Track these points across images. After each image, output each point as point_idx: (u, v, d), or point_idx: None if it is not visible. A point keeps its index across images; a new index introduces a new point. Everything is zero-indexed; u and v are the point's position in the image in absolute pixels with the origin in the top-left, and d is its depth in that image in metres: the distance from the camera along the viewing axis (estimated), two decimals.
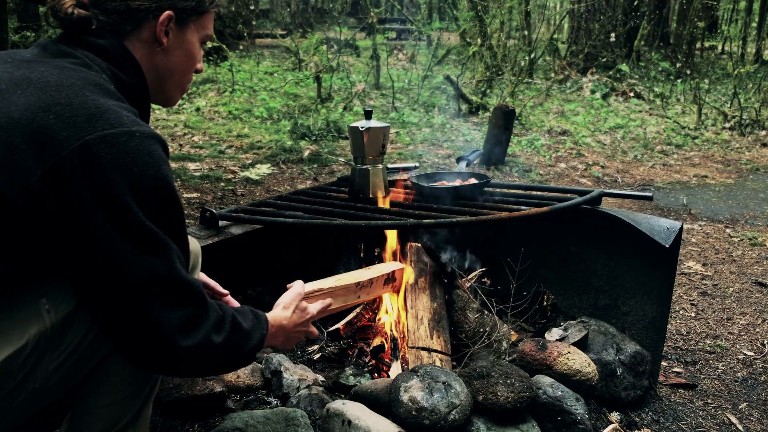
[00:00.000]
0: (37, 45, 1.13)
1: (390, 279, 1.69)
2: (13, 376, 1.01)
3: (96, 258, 0.97)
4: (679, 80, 10.86)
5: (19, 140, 0.95)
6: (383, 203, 2.27)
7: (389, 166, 2.70)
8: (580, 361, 1.88)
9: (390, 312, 2.22)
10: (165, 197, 1.02)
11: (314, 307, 1.46)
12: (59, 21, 1.11)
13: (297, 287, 1.45)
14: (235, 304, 1.46)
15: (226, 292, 1.48)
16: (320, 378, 1.97)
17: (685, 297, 3.20)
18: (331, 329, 2.17)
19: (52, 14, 1.12)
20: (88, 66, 1.08)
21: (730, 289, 3.33)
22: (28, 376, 1.03)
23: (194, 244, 1.39)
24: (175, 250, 1.04)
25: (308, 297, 1.47)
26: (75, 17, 1.10)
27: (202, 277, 1.46)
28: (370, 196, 2.25)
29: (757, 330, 2.82)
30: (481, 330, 2.14)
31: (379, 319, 2.23)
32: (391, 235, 2.33)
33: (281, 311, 1.36)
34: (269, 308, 1.44)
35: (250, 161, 5.60)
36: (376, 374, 2.05)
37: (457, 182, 2.40)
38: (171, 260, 1.02)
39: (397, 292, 1.72)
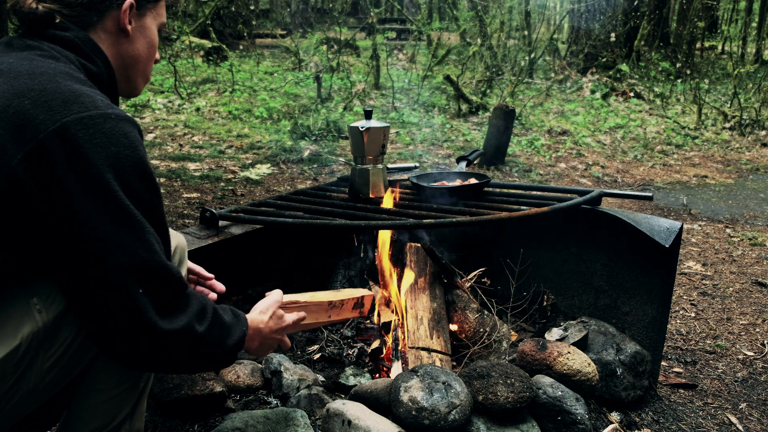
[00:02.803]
0: (0, 42, 1.13)
1: (359, 304, 1.72)
2: (8, 376, 1.01)
3: (75, 238, 0.96)
4: (679, 80, 10.86)
5: None
6: (388, 199, 2.27)
7: (389, 166, 2.70)
8: (580, 361, 1.88)
9: (390, 312, 2.22)
10: (142, 177, 1.02)
11: (290, 317, 1.43)
12: (23, 17, 1.11)
13: (275, 295, 1.43)
14: (221, 287, 1.45)
15: (211, 276, 1.48)
16: (320, 378, 1.97)
17: (685, 297, 3.20)
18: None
19: (14, 12, 1.11)
20: (55, 58, 1.08)
21: (730, 289, 3.33)
22: (23, 377, 1.03)
23: (181, 240, 1.39)
24: (153, 233, 1.03)
25: (284, 307, 1.47)
26: (39, 12, 1.10)
27: (188, 263, 1.46)
28: (370, 196, 2.25)
29: (757, 330, 2.82)
30: (481, 330, 2.14)
31: (379, 320, 2.23)
32: (389, 235, 2.33)
33: (258, 315, 1.33)
34: None
35: (250, 161, 5.60)
36: (376, 374, 2.05)
37: (457, 182, 2.40)
38: (149, 242, 1.01)
39: (365, 315, 1.75)
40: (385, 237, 2.33)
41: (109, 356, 1.07)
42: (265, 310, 1.35)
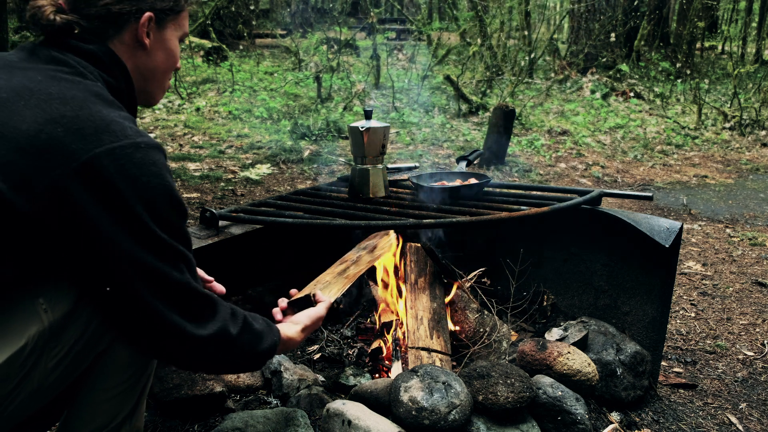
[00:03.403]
0: (22, 48, 1.13)
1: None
2: (13, 376, 1.01)
3: (108, 267, 1.01)
4: (679, 80, 10.86)
5: (28, 152, 0.96)
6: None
7: (389, 166, 2.70)
8: (580, 361, 1.88)
9: (390, 312, 2.22)
10: (172, 204, 1.05)
11: (324, 306, 1.49)
12: (41, 28, 1.11)
13: (321, 310, 1.46)
14: (220, 288, 1.49)
15: (211, 279, 1.50)
16: (320, 378, 1.97)
17: (685, 297, 3.20)
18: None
19: (33, 22, 1.12)
20: (82, 75, 1.08)
21: (730, 289, 3.33)
22: (27, 376, 1.03)
23: None
24: (183, 254, 1.08)
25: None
26: (57, 24, 1.11)
27: None
28: (370, 196, 2.25)
29: (757, 330, 2.82)
30: (481, 330, 2.14)
31: (380, 320, 2.23)
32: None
33: (299, 333, 1.37)
34: (270, 307, 1.44)
35: (250, 161, 5.60)
36: (376, 374, 2.05)
37: (457, 182, 2.40)
38: (180, 268, 1.07)
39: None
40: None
41: (154, 356, 1.19)
42: (307, 328, 1.40)
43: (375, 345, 2.12)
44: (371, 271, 2.40)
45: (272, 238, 2.30)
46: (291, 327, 1.37)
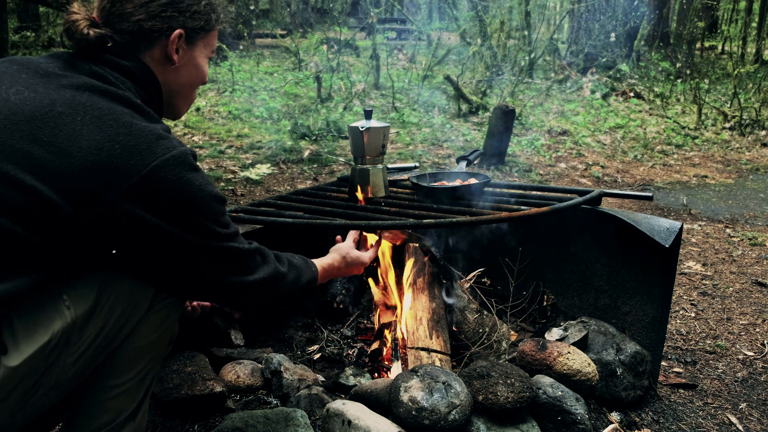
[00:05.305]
0: (57, 57, 1.16)
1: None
2: (36, 371, 1.04)
3: (179, 263, 1.14)
4: (679, 80, 10.86)
5: (89, 168, 1.01)
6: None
7: (389, 166, 2.70)
8: (580, 361, 1.88)
9: (390, 313, 2.22)
10: (216, 199, 1.16)
11: (368, 255, 1.77)
12: (75, 41, 1.16)
13: (365, 257, 1.75)
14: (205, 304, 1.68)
15: None
16: (320, 378, 1.97)
17: (685, 297, 3.20)
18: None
19: (68, 36, 1.16)
20: (122, 89, 1.13)
21: (730, 289, 3.33)
22: (48, 371, 1.06)
23: None
24: (232, 234, 1.20)
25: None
26: (91, 38, 1.15)
27: None
28: (370, 196, 2.25)
29: (757, 330, 2.82)
30: (481, 330, 2.14)
31: (379, 320, 2.23)
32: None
33: (339, 258, 1.68)
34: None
35: (250, 161, 5.60)
36: (376, 374, 2.05)
37: (457, 182, 2.40)
38: (233, 242, 1.20)
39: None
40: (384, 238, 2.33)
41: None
42: (347, 257, 1.70)
43: (375, 345, 2.12)
44: (371, 271, 2.40)
45: (272, 238, 2.30)
46: (331, 255, 1.67)
